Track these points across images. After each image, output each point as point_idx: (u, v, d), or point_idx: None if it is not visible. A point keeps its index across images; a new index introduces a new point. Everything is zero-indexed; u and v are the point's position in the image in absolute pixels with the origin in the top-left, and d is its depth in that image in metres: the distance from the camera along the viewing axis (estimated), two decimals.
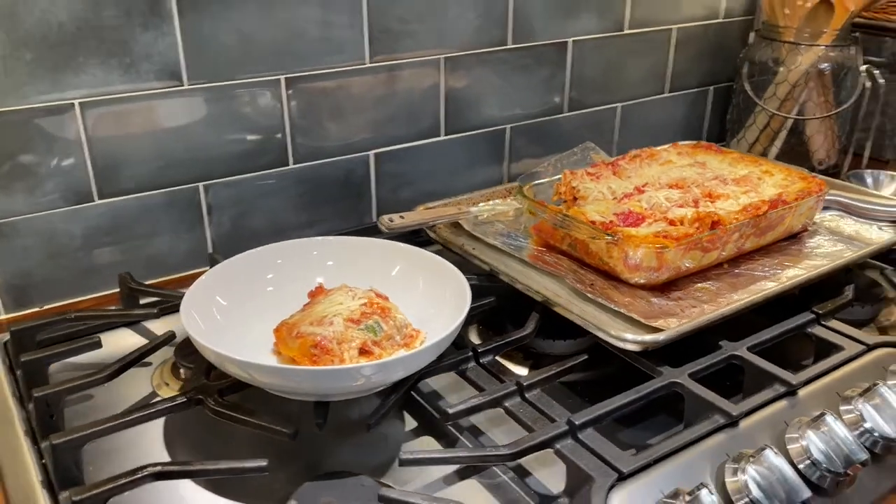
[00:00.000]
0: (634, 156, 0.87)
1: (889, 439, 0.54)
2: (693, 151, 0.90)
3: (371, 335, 0.55)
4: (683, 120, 1.22)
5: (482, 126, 1.00)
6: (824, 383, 0.59)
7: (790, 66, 1.08)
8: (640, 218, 0.72)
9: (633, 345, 0.59)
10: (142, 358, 0.59)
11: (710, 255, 0.71)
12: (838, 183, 0.89)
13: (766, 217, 0.73)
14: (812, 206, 0.78)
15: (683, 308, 0.66)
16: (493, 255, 0.74)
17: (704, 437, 0.52)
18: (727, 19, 1.19)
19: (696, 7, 1.14)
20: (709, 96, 1.23)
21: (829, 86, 1.10)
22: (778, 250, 0.77)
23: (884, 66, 1.15)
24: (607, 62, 1.08)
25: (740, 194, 0.77)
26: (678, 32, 1.14)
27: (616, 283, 0.70)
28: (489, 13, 0.94)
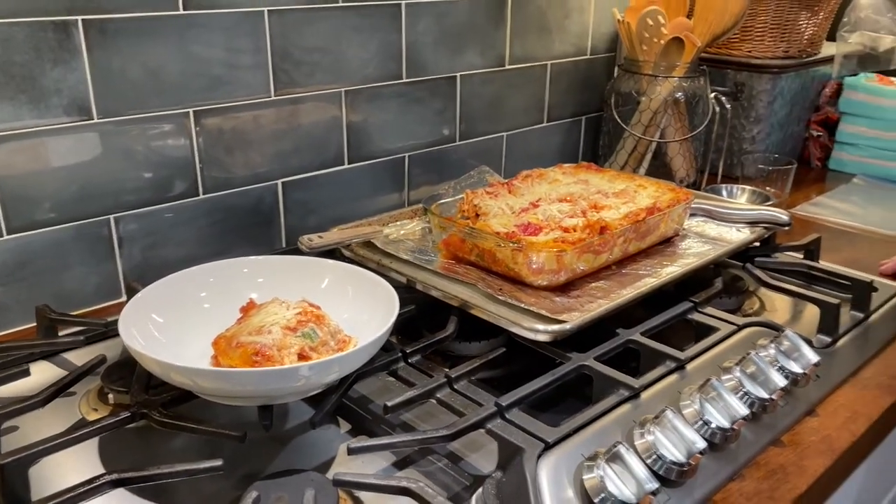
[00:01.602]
0: (526, 176, 0.96)
1: (763, 399, 0.63)
2: (576, 171, 1.00)
3: (308, 341, 0.58)
4: (561, 146, 1.34)
5: (383, 155, 1.05)
6: (707, 358, 0.68)
7: (650, 96, 1.22)
8: (538, 228, 0.80)
9: (544, 335, 0.66)
10: (77, 380, 0.59)
11: (600, 257, 0.80)
12: (702, 193, 1.01)
13: (644, 222, 0.83)
14: (682, 213, 0.89)
15: (583, 304, 0.73)
16: (408, 268, 0.79)
17: (614, 408, 0.60)
18: (594, 56, 1.32)
19: (566, 45, 1.26)
20: (582, 124, 1.36)
21: (685, 112, 1.25)
22: (656, 252, 0.87)
23: (728, 94, 1.32)
24: (492, 95, 1.17)
25: (621, 205, 0.87)
26: (552, 68, 1.26)
27: (522, 287, 0.77)
28: (385, 50, 1.00)
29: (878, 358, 0.77)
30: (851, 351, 0.77)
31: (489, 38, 1.13)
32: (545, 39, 1.22)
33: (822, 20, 1.32)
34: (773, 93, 1.29)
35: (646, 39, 1.22)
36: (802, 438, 0.64)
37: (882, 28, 1.25)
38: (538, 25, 1.20)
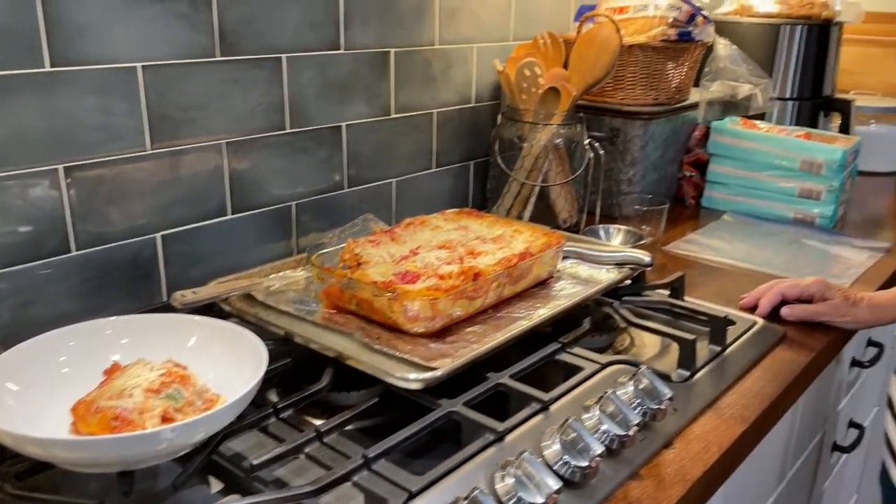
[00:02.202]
0: (408, 223, 0.98)
1: (620, 436, 0.67)
2: (457, 217, 1.03)
3: (172, 402, 0.58)
4: (451, 190, 1.38)
5: (268, 204, 1.06)
6: (571, 397, 0.72)
7: (532, 142, 1.28)
8: (416, 276, 0.83)
9: (416, 383, 0.68)
10: None
11: (475, 302, 0.83)
12: (574, 236, 1.07)
13: (517, 267, 0.87)
14: (554, 256, 0.94)
15: (457, 349, 0.76)
16: (286, 321, 0.80)
17: (478, 453, 0.62)
18: (479, 104, 1.38)
19: (450, 94, 1.31)
20: (470, 169, 1.40)
21: (565, 157, 1.31)
22: (531, 295, 0.91)
23: (604, 139, 1.40)
24: (380, 143, 1.20)
25: (496, 250, 0.90)
26: (438, 116, 1.30)
27: (399, 335, 0.79)
28: (266, 101, 1.02)
29: (733, 389, 0.83)
30: (709, 383, 0.82)
31: (374, 88, 1.17)
32: (430, 89, 1.27)
33: (687, 70, 1.43)
34: (645, 137, 1.37)
35: (524, 89, 1.28)
36: (659, 471, 0.68)
37: (740, 77, 1.36)
38: (422, 76, 1.24)
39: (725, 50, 1.33)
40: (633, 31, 1.35)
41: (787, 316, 0.98)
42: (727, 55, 1.33)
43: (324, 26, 1.07)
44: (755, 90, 1.36)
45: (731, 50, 1.34)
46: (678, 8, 1.31)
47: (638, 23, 1.35)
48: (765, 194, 1.44)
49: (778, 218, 1.43)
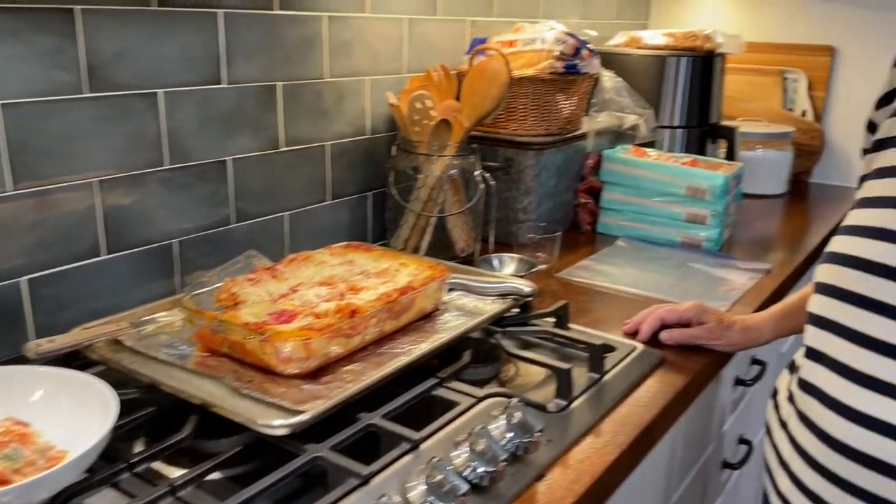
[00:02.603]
0: (291, 259, 0.97)
1: (490, 471, 0.67)
2: (344, 252, 1.02)
3: (10, 464, 0.55)
4: (349, 222, 1.37)
5: (148, 242, 1.03)
6: (443, 434, 0.72)
7: (426, 174, 1.29)
8: (293, 315, 0.81)
9: (281, 429, 0.66)
10: None
11: (353, 340, 0.82)
12: (462, 267, 1.08)
13: (398, 302, 0.87)
14: (438, 289, 0.94)
15: (331, 390, 0.75)
16: (153, 367, 0.77)
17: (343, 498, 0.61)
18: (375, 135, 1.38)
19: (344, 126, 1.31)
20: (368, 200, 1.40)
21: (461, 187, 1.33)
22: (415, 329, 0.91)
23: (500, 169, 1.43)
24: (269, 176, 1.19)
25: (380, 285, 0.90)
26: (332, 148, 1.29)
27: (273, 377, 0.77)
28: (141, 137, 0.99)
29: (609, 416, 0.85)
30: (586, 411, 0.84)
31: (261, 122, 1.15)
32: (322, 121, 1.26)
33: (577, 101, 1.47)
34: (538, 167, 1.40)
35: (417, 121, 1.29)
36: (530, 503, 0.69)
37: (625, 108, 1.41)
38: (312, 109, 1.24)
39: (610, 82, 1.38)
40: (522, 64, 1.38)
41: (666, 340, 1.02)
42: (612, 87, 1.38)
43: (203, 61, 1.05)
44: (640, 120, 1.41)
45: (616, 82, 1.39)
46: (564, 42, 1.36)
47: (527, 56, 1.38)
48: (655, 219, 1.49)
49: (668, 242, 1.48)
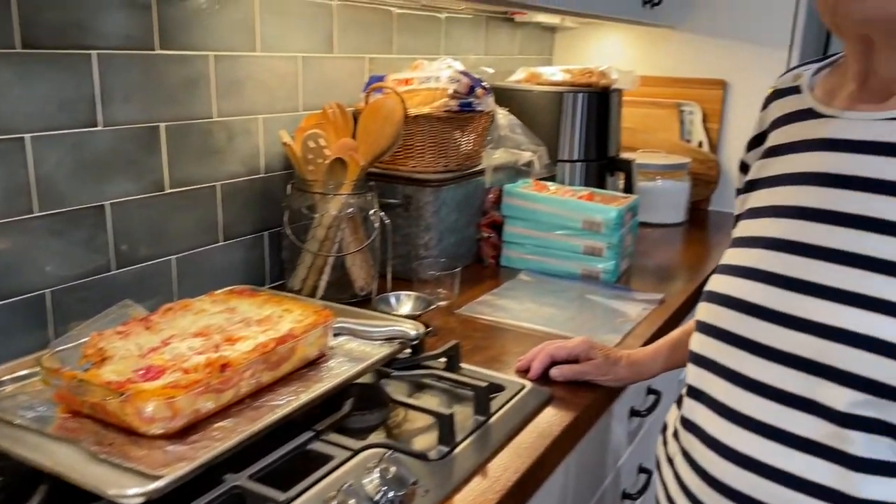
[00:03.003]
0: (168, 309, 0.94)
1: None
2: (227, 298, 0.99)
3: None
4: (245, 263, 1.34)
5: (16, 294, 0.97)
6: (314, 492, 0.70)
7: (322, 213, 1.27)
8: (161, 370, 0.78)
9: (135, 498, 0.63)
10: None
11: (226, 394, 0.79)
12: (351, 310, 1.06)
13: (275, 352, 0.84)
14: (321, 335, 0.92)
15: (198, 450, 0.72)
16: (6, 433, 0.72)
17: None
18: (270, 173, 1.36)
19: (237, 165, 1.28)
20: (266, 240, 1.37)
21: (359, 225, 1.32)
22: (297, 378, 0.89)
23: (399, 206, 1.42)
24: (154, 219, 1.15)
25: (259, 334, 0.88)
26: (223, 188, 1.26)
27: (137, 438, 0.73)
28: (8, 185, 0.94)
29: (494, 459, 0.84)
30: (470, 456, 0.83)
31: (142, 164, 1.12)
32: (211, 162, 1.23)
33: (476, 137, 1.49)
34: (437, 203, 1.40)
35: (311, 160, 1.28)
36: None
37: (521, 144, 1.43)
38: (200, 149, 1.21)
39: (505, 119, 1.40)
40: (418, 102, 1.39)
41: (556, 377, 1.02)
42: (507, 124, 1.40)
43: (77, 103, 1.01)
44: (534, 157, 1.44)
45: (510, 119, 1.41)
46: (458, 81, 1.37)
47: (422, 94, 1.39)
48: (555, 252, 1.51)
49: (568, 274, 1.50)
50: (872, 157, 0.71)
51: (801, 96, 0.83)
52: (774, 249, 0.76)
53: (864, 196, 0.71)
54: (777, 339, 0.73)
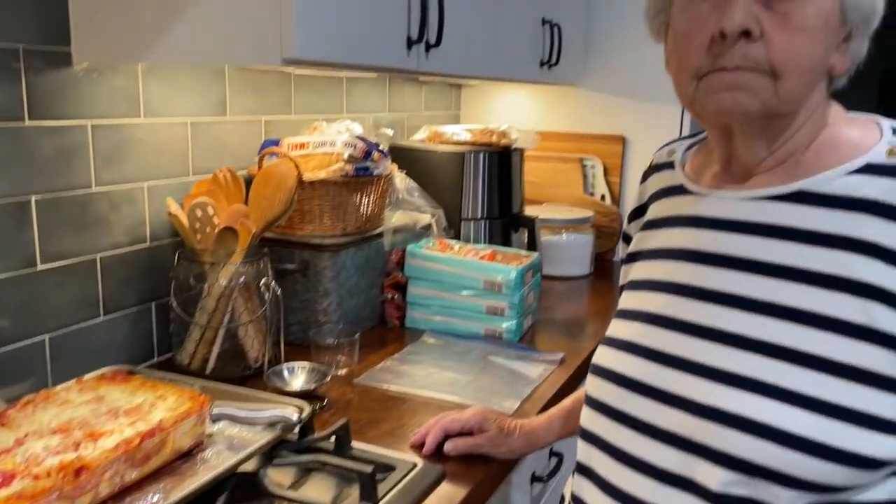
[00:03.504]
0: (28, 402, 0.87)
1: None
2: (97, 385, 0.93)
3: None
4: (130, 338, 1.27)
5: None
6: None
7: (212, 283, 1.23)
8: (11, 476, 0.72)
9: None
10: None
11: (82, 499, 0.73)
12: (234, 391, 1.01)
13: (141, 448, 0.79)
14: (196, 424, 0.88)
15: None
16: None
17: None
18: (157, 242, 1.30)
19: (119, 236, 1.23)
20: (153, 311, 1.31)
21: (253, 294, 1.27)
22: (169, 472, 0.83)
23: (297, 272, 1.39)
24: (25, 298, 1.08)
25: (126, 426, 0.82)
26: (104, 260, 1.20)
27: None
28: None
29: None
30: None
31: (10, 241, 1.05)
32: (90, 233, 1.17)
33: (376, 199, 1.47)
34: (335, 267, 1.38)
35: (199, 229, 1.23)
36: None
37: (420, 206, 1.43)
38: (77, 221, 1.15)
39: (403, 183, 1.40)
40: (313, 166, 1.37)
41: (450, 451, 1.00)
42: (404, 187, 1.40)
43: None
44: (432, 220, 1.44)
45: (408, 183, 1.41)
46: (354, 146, 1.36)
47: (318, 158, 1.38)
48: (459, 312, 1.50)
49: (472, 334, 1.49)
50: (738, 235, 0.74)
51: (674, 172, 0.85)
52: (653, 324, 0.77)
53: (731, 274, 0.73)
54: (655, 416, 0.73)
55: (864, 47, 0.72)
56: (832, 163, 0.71)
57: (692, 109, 0.73)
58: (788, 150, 0.73)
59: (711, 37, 0.67)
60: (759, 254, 0.71)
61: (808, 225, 0.69)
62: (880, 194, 0.67)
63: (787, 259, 0.69)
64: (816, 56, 0.67)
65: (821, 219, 0.69)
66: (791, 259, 0.69)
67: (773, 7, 0.66)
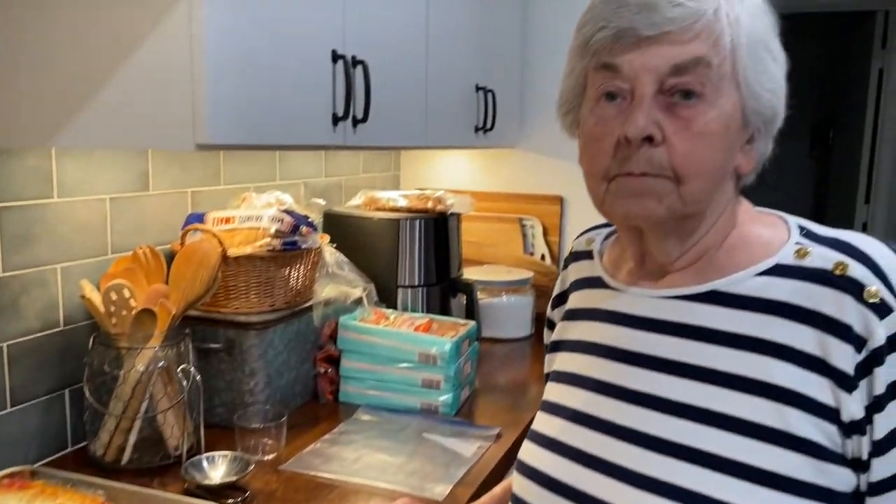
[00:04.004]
0: None
1: None
2: None
3: None
4: (41, 428, 1.20)
5: None
6: None
7: (128, 368, 1.17)
8: None
9: None
10: None
11: None
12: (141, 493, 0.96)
13: None
14: None
15: None
16: None
17: None
18: (72, 325, 1.24)
19: (29, 322, 1.16)
20: (67, 399, 1.24)
21: (173, 377, 1.22)
22: None
23: (222, 351, 1.34)
24: None
25: None
26: (11, 348, 1.14)
27: None
28: None
29: None
30: None
31: None
32: None
33: (306, 272, 1.44)
34: (262, 345, 1.33)
35: (115, 313, 1.18)
36: None
37: (351, 281, 1.40)
38: None
39: (332, 256, 1.38)
40: (239, 241, 1.33)
41: None
42: (334, 261, 1.37)
43: None
44: (363, 294, 1.41)
45: (337, 256, 1.39)
46: (280, 220, 1.33)
47: (244, 233, 1.34)
48: (394, 386, 1.47)
49: (407, 409, 1.46)
50: (655, 334, 0.73)
51: (592, 263, 0.85)
52: (574, 422, 0.76)
53: (650, 374, 0.72)
54: None
55: (768, 147, 0.72)
56: (744, 262, 0.71)
57: (602, 210, 0.73)
58: (701, 249, 0.73)
59: (617, 140, 0.67)
60: (677, 354, 0.71)
61: (722, 326, 0.69)
62: (789, 296, 0.67)
63: (704, 360, 0.69)
64: (718, 160, 0.68)
65: (734, 320, 0.69)
66: (708, 361, 0.69)
67: (676, 112, 0.66)
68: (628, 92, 0.67)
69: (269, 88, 1.05)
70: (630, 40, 0.66)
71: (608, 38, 0.66)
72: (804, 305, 0.66)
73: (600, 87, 0.69)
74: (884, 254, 0.66)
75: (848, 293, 0.65)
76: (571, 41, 0.72)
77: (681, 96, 0.66)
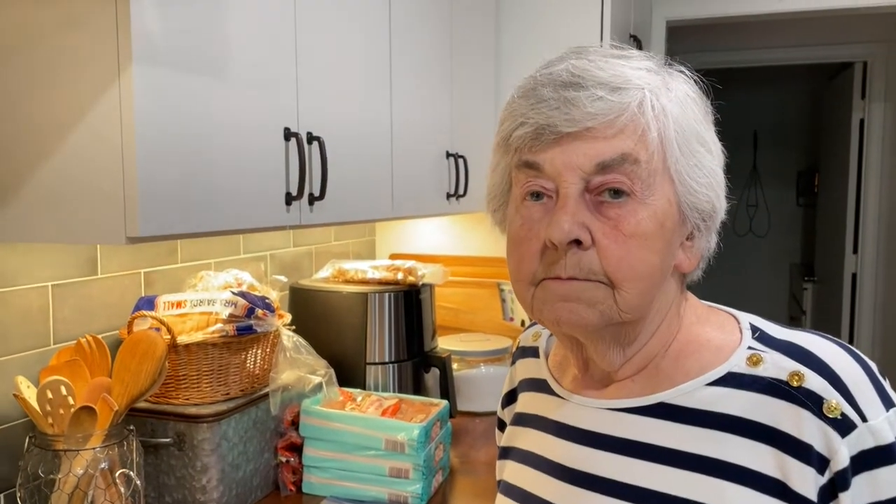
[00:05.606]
0: None
1: None
2: None
3: None
4: None
5: None
6: None
7: (65, 472, 1.08)
8: None
9: None
10: None
11: None
12: None
13: None
14: None
15: None
16: None
17: None
18: (6, 425, 1.16)
19: None
20: None
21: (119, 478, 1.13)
22: None
23: (171, 446, 1.25)
24: None
25: None
26: None
27: None
28: None
29: None
30: None
31: None
32: None
33: (265, 355, 1.36)
34: (215, 439, 1.25)
35: (51, 412, 1.10)
36: None
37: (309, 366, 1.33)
38: None
39: (290, 341, 1.30)
40: (190, 327, 1.26)
41: None
42: (292, 346, 1.30)
43: None
44: (322, 380, 1.33)
45: (295, 340, 1.31)
46: (234, 304, 1.26)
47: (195, 318, 1.27)
48: (359, 476, 1.38)
49: (374, 500, 1.36)
50: (602, 452, 0.67)
51: (538, 362, 0.79)
52: None
53: (596, 498, 0.65)
54: None
55: (711, 242, 0.66)
56: (693, 370, 0.64)
57: (532, 317, 0.67)
58: (646, 355, 0.66)
59: (544, 244, 0.61)
60: (624, 476, 0.64)
61: (671, 444, 0.62)
62: (744, 411, 0.60)
63: (653, 484, 0.62)
64: (654, 262, 0.61)
65: (685, 437, 0.62)
66: (657, 484, 0.62)
67: (604, 212, 0.60)
68: (553, 191, 0.61)
69: (209, 172, 1.00)
70: (550, 137, 0.60)
71: (528, 136, 0.61)
72: (760, 421, 0.59)
73: (524, 186, 0.63)
74: (841, 361, 0.60)
75: (805, 408, 0.58)
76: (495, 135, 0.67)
77: (609, 195, 0.60)
